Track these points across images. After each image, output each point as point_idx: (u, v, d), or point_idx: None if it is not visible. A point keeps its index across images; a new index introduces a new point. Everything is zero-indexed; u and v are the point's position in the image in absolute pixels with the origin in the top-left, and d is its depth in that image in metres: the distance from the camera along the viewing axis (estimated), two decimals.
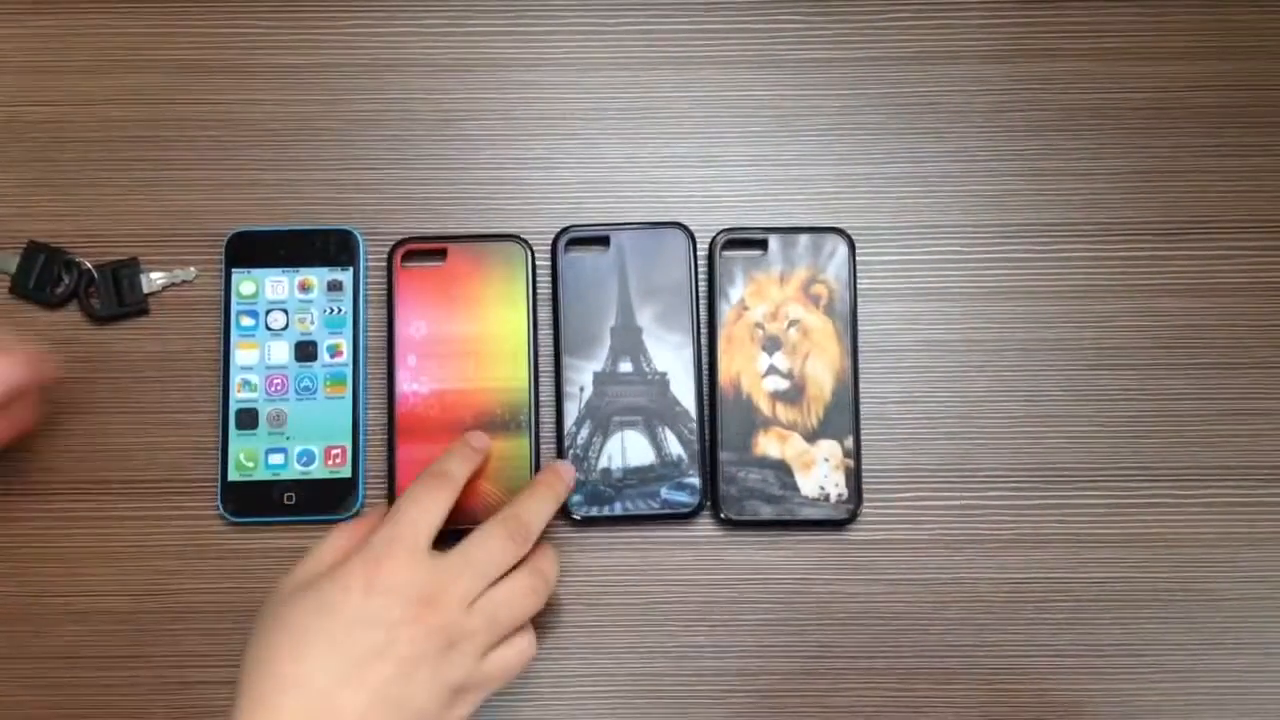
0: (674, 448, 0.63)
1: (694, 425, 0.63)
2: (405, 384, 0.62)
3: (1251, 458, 0.64)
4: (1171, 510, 0.64)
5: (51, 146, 0.66)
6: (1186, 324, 0.65)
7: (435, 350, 0.63)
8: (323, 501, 0.63)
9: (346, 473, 0.63)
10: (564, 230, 0.64)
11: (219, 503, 0.63)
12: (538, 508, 0.56)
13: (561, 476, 0.59)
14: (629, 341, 0.63)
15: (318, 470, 0.63)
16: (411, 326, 0.63)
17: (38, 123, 0.67)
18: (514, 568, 0.55)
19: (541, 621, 0.62)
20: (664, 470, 0.63)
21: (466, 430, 0.61)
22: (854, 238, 0.65)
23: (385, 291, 0.64)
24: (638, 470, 0.63)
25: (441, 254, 0.64)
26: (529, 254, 0.64)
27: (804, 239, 0.64)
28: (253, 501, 0.63)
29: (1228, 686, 0.63)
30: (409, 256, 0.64)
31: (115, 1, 0.68)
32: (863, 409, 0.64)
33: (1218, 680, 0.63)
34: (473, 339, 0.63)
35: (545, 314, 0.65)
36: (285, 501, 0.63)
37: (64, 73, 0.67)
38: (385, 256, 0.64)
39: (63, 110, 0.67)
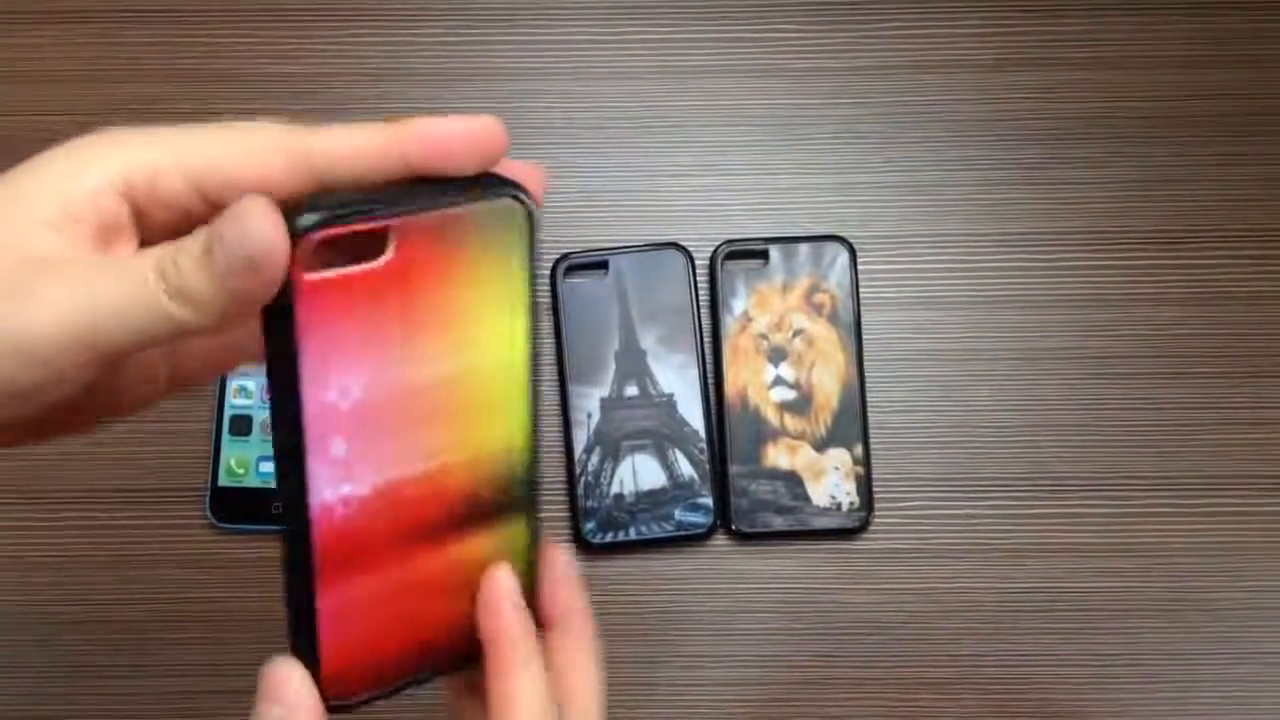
0: (685, 468, 0.63)
1: (704, 445, 0.63)
2: (328, 489, 0.33)
3: (1252, 467, 0.64)
4: (1172, 520, 0.64)
5: None
6: (1186, 333, 0.65)
7: (380, 419, 0.33)
8: None
9: None
10: (563, 257, 0.64)
11: (207, 508, 0.63)
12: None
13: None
14: (634, 365, 0.63)
15: None
16: (334, 388, 0.32)
17: (38, 132, 0.66)
18: None
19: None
20: (677, 492, 0.63)
21: (436, 532, 0.35)
22: (856, 247, 0.64)
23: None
24: (650, 493, 0.63)
25: (378, 243, 0.31)
26: (528, 223, 0.34)
27: (805, 248, 0.64)
28: (241, 508, 0.63)
29: (1229, 696, 0.63)
30: (327, 252, 0.30)
31: (115, 12, 0.67)
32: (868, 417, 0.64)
33: (1218, 690, 0.63)
34: (446, 385, 0.34)
35: (546, 334, 0.64)
36: (274, 510, 0.63)
37: (65, 82, 0.66)
38: None
39: (63, 120, 0.66)
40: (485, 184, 0.33)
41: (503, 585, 0.36)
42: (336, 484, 0.33)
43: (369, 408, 0.32)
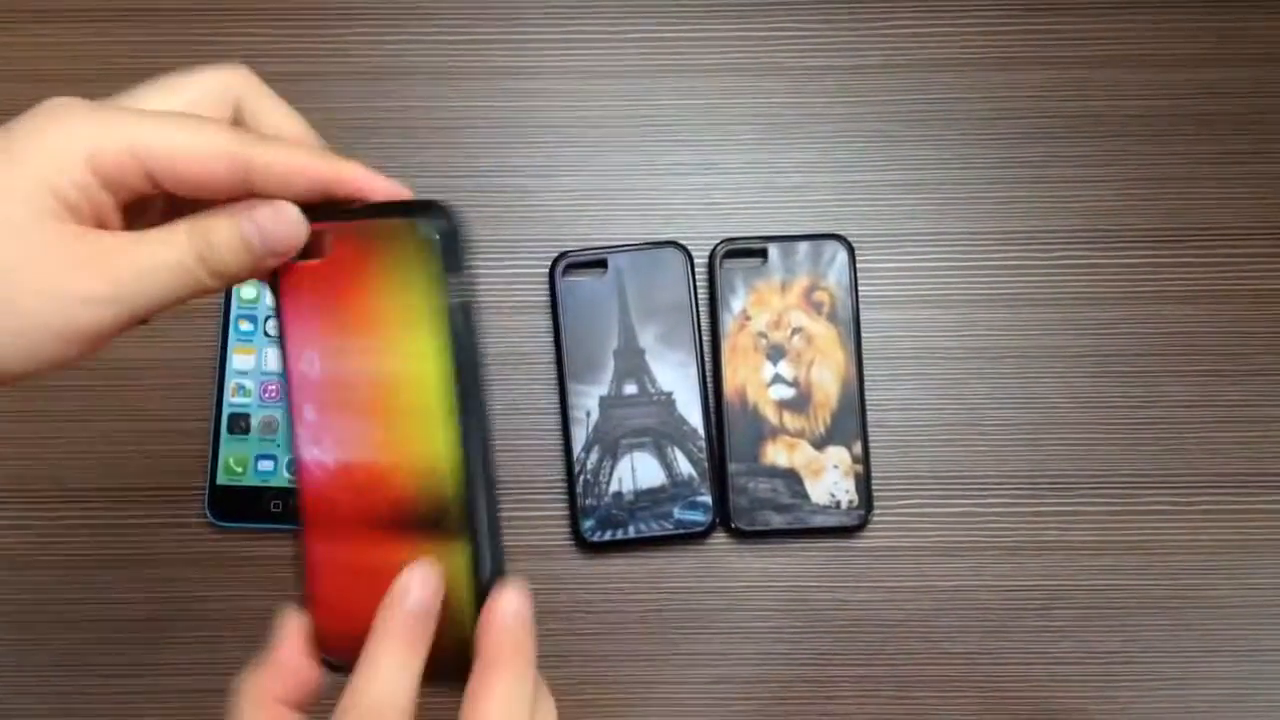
0: (684, 467, 0.63)
1: (702, 443, 0.63)
2: (306, 448, 0.38)
3: (1250, 465, 0.64)
4: (1171, 517, 0.64)
5: None
6: (1186, 331, 0.65)
7: (332, 398, 0.37)
8: None
9: None
10: (561, 255, 0.64)
11: (205, 507, 0.63)
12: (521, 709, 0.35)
13: (527, 626, 0.36)
14: (632, 363, 0.63)
15: None
16: (304, 357, 0.38)
17: None
18: None
19: (546, 630, 0.62)
20: (675, 490, 0.63)
21: (382, 524, 0.37)
22: (854, 245, 0.64)
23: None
24: (649, 492, 0.63)
25: (319, 246, 0.38)
26: (435, 235, 0.35)
27: (803, 246, 0.64)
28: (240, 507, 0.63)
29: (1226, 694, 0.63)
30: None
31: (116, 11, 0.67)
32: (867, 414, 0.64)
33: (1216, 687, 0.63)
34: (371, 381, 0.37)
35: (546, 332, 0.64)
36: (272, 509, 0.63)
37: (65, 82, 0.66)
38: None
39: None
40: (399, 205, 0.37)
41: (400, 583, 0.35)
42: (310, 446, 0.38)
43: (325, 386, 0.37)
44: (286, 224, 0.36)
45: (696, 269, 0.64)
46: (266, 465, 0.63)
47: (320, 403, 0.37)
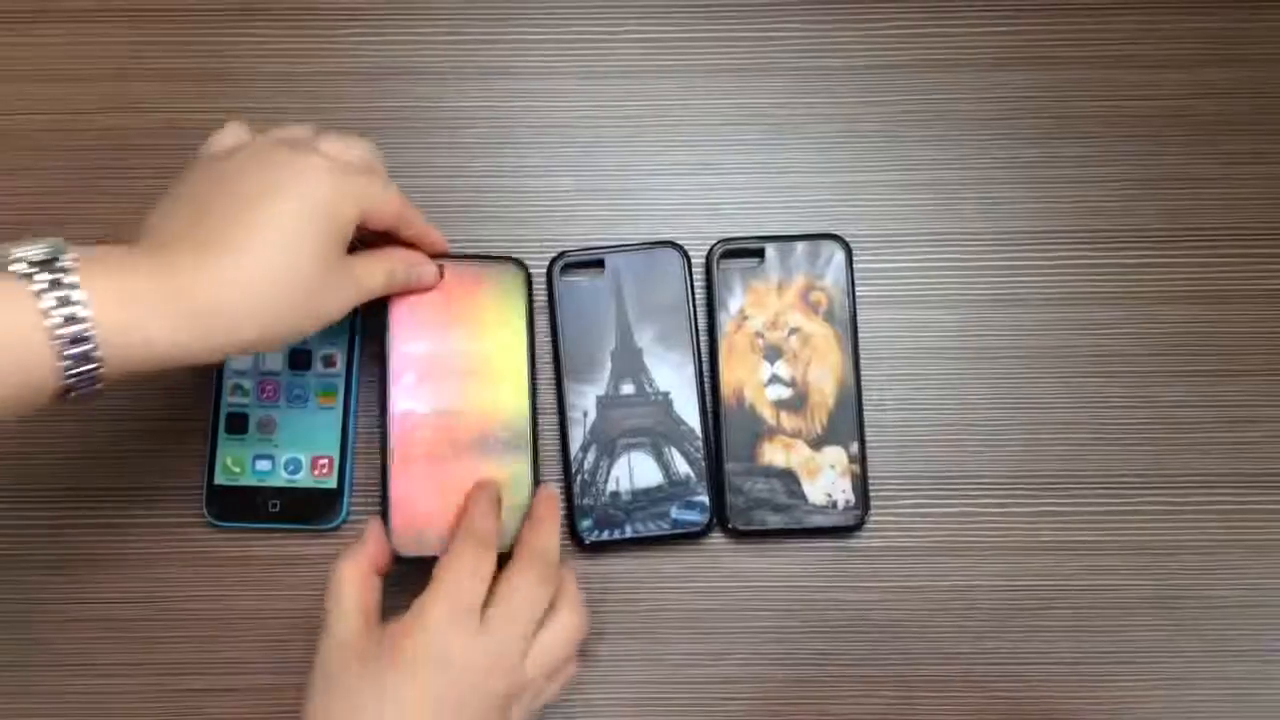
0: (681, 466, 0.63)
1: (699, 443, 0.63)
2: (399, 403, 0.59)
3: (1249, 464, 0.64)
4: (1169, 517, 0.64)
5: (51, 154, 0.65)
6: (1184, 331, 0.65)
7: (433, 369, 0.60)
8: (307, 511, 0.63)
9: (332, 484, 0.63)
10: (559, 255, 0.64)
11: (203, 507, 0.63)
12: (553, 541, 0.57)
13: (557, 500, 0.61)
14: (630, 363, 0.63)
15: (304, 479, 0.63)
16: (409, 344, 0.60)
17: (38, 131, 0.66)
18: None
19: None
20: (672, 490, 0.63)
21: (463, 451, 0.60)
22: (852, 246, 0.64)
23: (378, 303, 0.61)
24: (646, 491, 0.63)
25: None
26: (525, 274, 0.62)
27: (800, 246, 0.64)
28: (237, 507, 0.63)
29: (1226, 694, 0.63)
30: None
31: (116, 11, 0.67)
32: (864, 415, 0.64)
33: (1216, 688, 0.63)
34: (471, 358, 0.60)
35: (543, 333, 0.64)
36: (270, 509, 0.63)
37: (63, 81, 0.66)
38: None
39: (61, 119, 0.66)
40: (502, 256, 0.63)
41: (487, 483, 0.59)
42: (406, 401, 0.59)
43: (429, 361, 0.60)
44: (435, 274, 0.60)
45: (694, 269, 0.64)
46: (264, 465, 0.63)
47: (422, 372, 0.59)
